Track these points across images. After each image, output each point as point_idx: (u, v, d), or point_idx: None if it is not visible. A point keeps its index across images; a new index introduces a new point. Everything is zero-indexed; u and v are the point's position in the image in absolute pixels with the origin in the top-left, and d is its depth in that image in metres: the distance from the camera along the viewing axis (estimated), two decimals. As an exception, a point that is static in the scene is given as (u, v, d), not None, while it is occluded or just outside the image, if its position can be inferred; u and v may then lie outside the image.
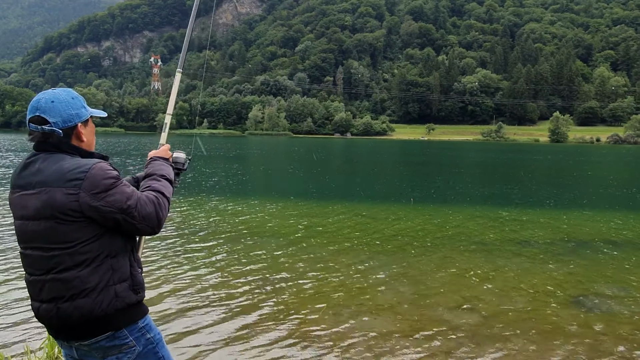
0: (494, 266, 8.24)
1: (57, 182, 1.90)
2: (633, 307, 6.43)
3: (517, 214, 13.90)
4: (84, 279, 1.91)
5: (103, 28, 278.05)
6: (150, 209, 1.99)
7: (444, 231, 11.25)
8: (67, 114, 1.98)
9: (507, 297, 6.71)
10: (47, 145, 1.98)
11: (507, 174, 30.50)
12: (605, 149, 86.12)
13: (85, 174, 1.89)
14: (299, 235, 10.41)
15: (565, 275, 7.78)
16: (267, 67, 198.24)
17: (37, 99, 1.99)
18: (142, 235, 2.14)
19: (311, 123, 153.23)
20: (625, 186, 24.28)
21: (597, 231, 11.65)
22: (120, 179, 1.99)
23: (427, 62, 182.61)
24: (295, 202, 15.17)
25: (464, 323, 5.75)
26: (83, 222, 1.91)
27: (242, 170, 28.78)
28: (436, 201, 16.93)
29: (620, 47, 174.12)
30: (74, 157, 1.98)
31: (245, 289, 6.77)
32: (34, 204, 1.92)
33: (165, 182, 2.17)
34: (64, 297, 1.92)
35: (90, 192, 1.88)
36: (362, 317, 5.85)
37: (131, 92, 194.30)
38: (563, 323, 5.83)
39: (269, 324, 5.59)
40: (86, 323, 1.94)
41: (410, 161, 43.11)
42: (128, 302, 2.01)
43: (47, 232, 1.91)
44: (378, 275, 7.58)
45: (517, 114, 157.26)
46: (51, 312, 1.95)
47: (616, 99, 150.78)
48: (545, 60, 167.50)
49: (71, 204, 1.88)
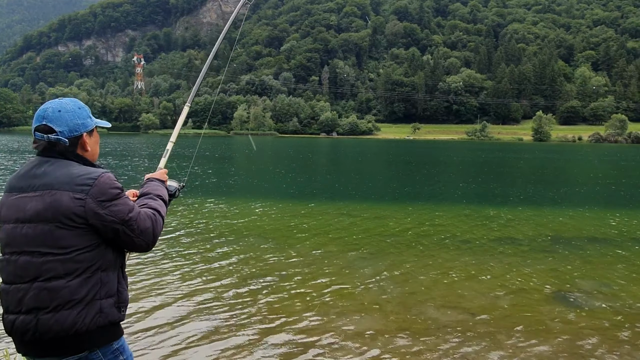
0: (479, 264, 8.31)
1: (65, 185, 1.90)
2: (613, 302, 6.53)
3: (501, 212, 14.04)
4: (72, 289, 1.87)
5: (84, 27, 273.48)
6: (148, 224, 2.03)
7: (429, 229, 11.31)
8: (73, 124, 2.01)
9: (492, 294, 6.77)
10: (53, 153, 2.00)
11: (492, 173, 30.83)
12: (587, 148, 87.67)
13: (94, 181, 1.92)
14: (285, 235, 10.37)
15: (549, 272, 7.88)
16: (252, 67, 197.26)
17: (44, 108, 2.02)
18: (137, 251, 2.10)
19: (297, 123, 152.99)
20: (605, 184, 24.73)
21: (579, 228, 11.83)
22: (124, 192, 2.04)
23: (412, 61, 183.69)
24: (281, 202, 15.11)
25: (451, 321, 5.78)
26: (84, 229, 1.91)
27: (230, 170, 28.61)
28: (422, 200, 17.02)
29: (600, 47, 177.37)
30: (80, 165, 2.01)
31: (231, 289, 6.71)
32: (34, 206, 1.90)
33: (161, 202, 2.21)
34: (47, 307, 1.86)
35: (96, 199, 1.90)
36: (349, 316, 5.84)
37: (114, 92, 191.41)
38: (547, 319, 5.90)
39: (255, 324, 5.54)
40: (63, 339, 1.88)
41: (396, 160, 43.30)
42: (110, 319, 1.97)
43: (43, 236, 1.88)
44: (365, 274, 7.58)
45: (501, 113, 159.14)
46: (29, 324, 1.87)
47: (597, 99, 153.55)
48: (528, 60, 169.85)
49: (77, 209, 1.88)
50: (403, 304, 6.32)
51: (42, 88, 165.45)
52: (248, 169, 29.86)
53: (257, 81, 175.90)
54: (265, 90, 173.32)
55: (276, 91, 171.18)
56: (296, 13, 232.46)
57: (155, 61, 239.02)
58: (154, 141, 78.66)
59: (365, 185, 21.88)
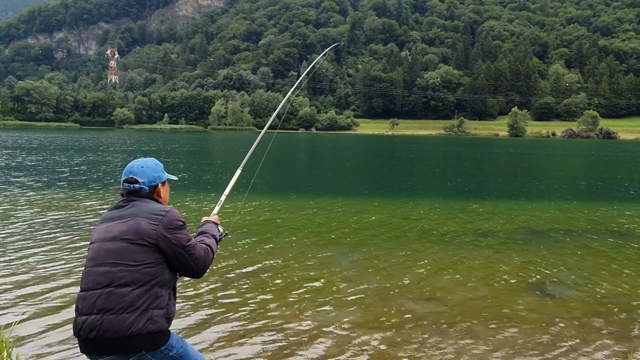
0: (456, 257, 8.40)
1: (144, 214, 2.49)
2: (584, 292, 6.70)
3: (478, 206, 14.26)
4: (134, 296, 2.33)
5: (55, 19, 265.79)
6: (202, 254, 2.59)
7: (407, 224, 11.39)
8: (152, 176, 2.64)
9: (469, 286, 6.85)
10: (135, 197, 2.62)
11: (468, 168, 31.28)
12: (561, 143, 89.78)
13: (166, 213, 2.51)
14: (263, 230, 10.29)
15: (523, 264, 8.02)
16: (230, 61, 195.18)
17: (131, 165, 2.65)
18: (188, 275, 2.61)
19: (276, 118, 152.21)
20: (577, 178, 25.38)
21: (553, 221, 12.09)
22: (186, 226, 2.58)
23: (391, 57, 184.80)
24: (259, 197, 14.98)
25: (428, 313, 5.82)
26: (152, 248, 2.43)
27: (207, 166, 28.27)
28: (400, 194, 17.14)
29: (573, 45, 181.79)
30: (157, 203, 2.64)
31: (209, 284, 6.62)
32: (119, 228, 2.46)
33: (213, 240, 2.80)
34: (112, 309, 2.31)
35: (166, 226, 2.46)
36: (328, 310, 5.83)
37: (87, 86, 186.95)
38: (521, 309, 6.01)
39: (233, 318, 5.48)
40: (119, 339, 2.30)
41: (375, 155, 43.52)
42: (159, 327, 2.39)
43: (121, 251, 2.40)
44: (343, 268, 7.58)
45: (477, 109, 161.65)
46: (96, 322, 2.30)
47: (570, 95, 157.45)
48: (504, 57, 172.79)
49: (150, 232, 2.43)
50: (381, 297, 6.34)
51: (11, 81, 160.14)
52: (224, 164, 29.56)
53: (235, 76, 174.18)
54: (243, 85, 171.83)
55: (254, 86, 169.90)
56: (274, 7, 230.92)
57: (130, 55, 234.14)
58: (131, 137, 77.11)
59: (344, 180, 21.92)
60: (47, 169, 22.45)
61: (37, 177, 18.99)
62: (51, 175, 19.60)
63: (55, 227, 9.83)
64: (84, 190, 15.58)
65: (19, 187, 15.88)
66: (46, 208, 12.09)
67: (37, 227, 9.80)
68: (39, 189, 15.52)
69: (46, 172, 20.83)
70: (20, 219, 10.59)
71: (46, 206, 12.38)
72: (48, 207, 12.26)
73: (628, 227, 11.51)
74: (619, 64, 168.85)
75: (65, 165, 24.23)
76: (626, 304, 6.27)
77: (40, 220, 10.50)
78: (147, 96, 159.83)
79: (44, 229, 9.65)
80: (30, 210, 11.78)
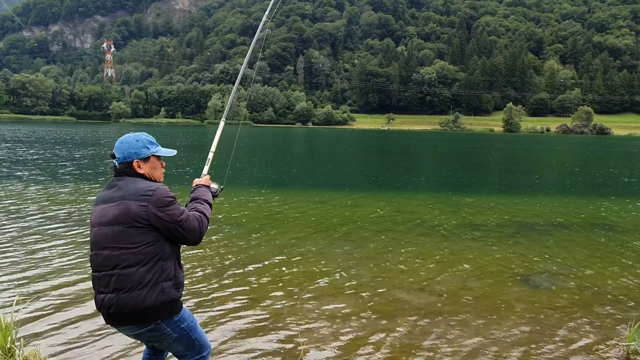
0: (449, 249, 8.61)
1: (133, 196, 2.54)
2: (573, 283, 6.92)
3: (471, 200, 14.48)
4: (141, 274, 2.52)
5: (51, 11, 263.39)
6: (195, 225, 2.66)
7: (402, 217, 11.59)
8: (127, 153, 2.67)
9: (461, 277, 7.05)
10: (120, 172, 2.69)
11: (463, 162, 31.52)
12: (555, 139, 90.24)
13: (153, 192, 2.56)
14: (261, 223, 10.45)
15: (515, 256, 8.24)
16: (227, 55, 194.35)
17: (118, 140, 2.74)
18: (187, 244, 2.71)
19: (272, 112, 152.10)
20: (570, 173, 25.67)
21: (545, 214, 12.32)
22: (176, 200, 2.65)
23: (387, 52, 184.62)
24: (256, 190, 15.14)
25: (420, 303, 6.02)
26: (147, 228, 2.54)
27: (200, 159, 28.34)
28: (395, 188, 17.34)
29: (568, 41, 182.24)
30: (143, 180, 2.67)
31: (205, 276, 6.78)
32: (113, 212, 2.55)
33: (207, 205, 2.85)
34: (124, 288, 2.51)
35: (155, 205, 2.54)
36: (323, 300, 6.01)
37: (83, 79, 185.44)
38: (511, 299, 6.21)
39: (231, 308, 5.65)
40: (137, 313, 2.53)
41: (371, 150, 43.70)
42: (171, 297, 2.61)
43: (119, 235, 2.52)
44: (338, 259, 7.76)
45: (473, 104, 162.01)
46: (112, 300, 2.53)
47: (564, 91, 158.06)
48: (499, 53, 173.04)
49: (141, 213, 2.52)
50: (375, 287, 6.53)
51: (6, 74, 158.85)
52: (223, 158, 29.66)
53: (231, 70, 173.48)
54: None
55: (251, 80, 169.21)
56: (271, 1, 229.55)
57: (126, 48, 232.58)
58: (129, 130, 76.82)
59: (340, 174, 22.10)
60: (50, 163, 22.51)
61: (41, 171, 19.04)
62: (55, 169, 19.68)
63: (62, 221, 9.97)
64: (88, 184, 15.76)
65: (25, 181, 15.96)
66: (53, 202, 12.21)
67: (45, 221, 9.94)
68: (45, 183, 15.61)
69: (50, 166, 20.91)
70: (29, 213, 10.71)
71: (52, 200, 12.48)
72: (54, 201, 12.35)
73: (616, 220, 11.76)
74: (613, 60, 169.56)
75: (67, 159, 24.32)
76: (609, 294, 6.49)
77: (49, 215, 10.63)
78: (144, 90, 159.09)
79: (53, 223, 9.79)
80: (37, 204, 11.89)
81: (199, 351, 2.84)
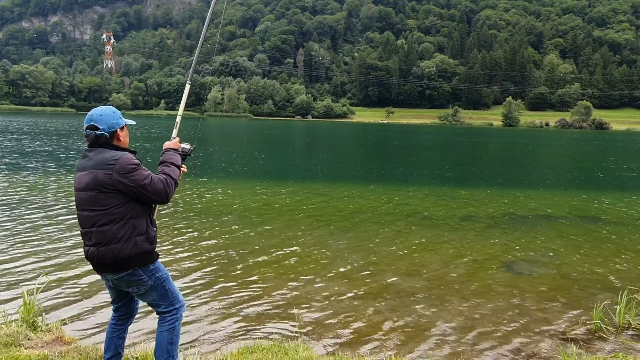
0: (439, 238, 9.07)
1: (99, 166, 2.90)
2: (553, 270, 7.39)
3: (466, 193, 14.94)
4: (115, 231, 2.92)
5: (50, 2, 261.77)
6: (160, 187, 2.99)
7: (397, 208, 12.04)
8: (110, 123, 3.02)
9: (449, 264, 7.51)
10: (97, 144, 3.01)
11: (460, 156, 31.93)
12: (554, 133, 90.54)
13: (116, 161, 2.89)
14: (259, 212, 10.90)
15: (501, 245, 8.70)
16: (227, 48, 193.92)
17: (91, 113, 3.03)
18: (156, 204, 3.13)
19: (272, 105, 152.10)
20: (564, 168, 26.11)
21: (533, 207, 12.79)
22: (140, 166, 2.96)
23: (387, 46, 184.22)
24: (256, 182, 15.57)
25: (409, 286, 6.48)
26: (114, 193, 2.90)
27: (205, 151, 28.73)
28: (392, 181, 17.77)
29: (568, 35, 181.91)
30: (111, 151, 2.98)
31: (205, 263, 7.24)
32: (85, 180, 2.94)
33: (173, 168, 3.17)
34: (102, 242, 2.93)
35: (119, 172, 2.87)
36: (318, 283, 6.47)
37: (82, 71, 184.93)
38: (494, 284, 6.68)
39: (231, 292, 6.11)
40: (115, 262, 2.95)
41: (370, 143, 44.08)
42: (144, 249, 3.01)
43: (92, 199, 2.92)
44: (334, 247, 8.22)
45: (472, 98, 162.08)
46: (94, 253, 2.97)
47: (564, 85, 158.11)
48: (499, 47, 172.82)
49: (107, 180, 2.88)
50: (366, 272, 6.99)
51: (6, 65, 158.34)
52: (222, 150, 30.04)
53: (231, 62, 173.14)
54: (239, 71, 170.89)
55: (251, 73, 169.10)
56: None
57: (125, 39, 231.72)
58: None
59: (338, 167, 22.52)
60: (59, 154, 23.01)
61: (52, 162, 19.46)
62: (65, 161, 20.16)
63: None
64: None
65: (39, 172, 16.41)
66: (69, 193, 12.63)
67: (60, 211, 10.40)
68: (59, 175, 16.04)
69: (60, 158, 21.42)
70: (48, 203, 11.16)
71: (69, 191, 12.90)
72: (70, 192, 12.73)
73: (602, 213, 12.22)
74: (612, 55, 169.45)
75: (75, 151, 24.86)
76: (585, 280, 6.97)
77: (67, 205, 11.07)
78: (144, 82, 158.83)
79: (70, 213, 10.25)
80: (54, 195, 12.33)
81: (171, 302, 3.17)
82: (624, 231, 10.20)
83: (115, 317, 3.34)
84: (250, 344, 4.33)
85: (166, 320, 3.19)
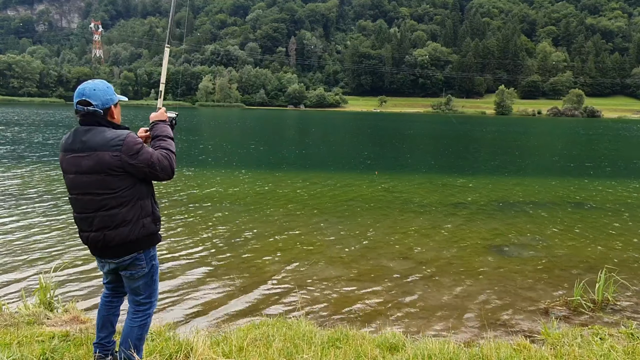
0: (432, 224, 9.42)
1: (104, 147, 2.74)
2: (540, 252, 7.76)
3: (460, 181, 15.30)
4: (124, 214, 2.83)
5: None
6: (166, 163, 2.89)
7: (391, 196, 12.38)
8: (104, 99, 2.85)
9: (440, 248, 7.86)
10: (90, 121, 2.82)
11: (453, 145, 32.31)
12: (546, 122, 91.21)
13: (123, 141, 2.75)
14: (257, 201, 11.19)
15: (491, 230, 9.07)
16: (217, 36, 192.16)
17: (83, 87, 2.83)
18: (161, 181, 2.98)
19: (264, 95, 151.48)
20: (555, 155, 26.57)
21: (523, 194, 13.18)
22: (144, 145, 2.85)
23: (380, 34, 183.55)
24: (252, 171, 15.82)
25: (402, 268, 6.82)
26: (123, 175, 2.79)
27: (199, 142, 28.85)
28: (386, 169, 18.08)
29: (561, 23, 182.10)
30: (110, 129, 2.83)
31: (206, 249, 7.53)
32: (87, 163, 2.76)
33: (170, 141, 3.06)
34: (109, 226, 2.82)
35: (127, 154, 2.75)
36: (314, 267, 6.80)
37: (70, 60, 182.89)
38: (483, 266, 7.04)
39: (231, 276, 6.41)
40: (121, 245, 2.86)
41: (363, 132, 44.32)
42: (151, 230, 2.96)
43: (98, 183, 2.77)
44: (329, 233, 8.54)
45: (465, 87, 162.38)
46: (99, 237, 2.85)
47: (556, 74, 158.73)
48: (492, 35, 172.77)
49: (116, 162, 2.74)
50: (362, 256, 7.33)
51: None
52: (216, 140, 30.18)
53: (222, 51, 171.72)
54: (230, 60, 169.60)
55: (242, 62, 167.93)
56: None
57: (114, 28, 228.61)
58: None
59: (333, 156, 22.80)
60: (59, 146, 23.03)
61: (55, 154, 19.55)
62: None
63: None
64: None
65: (45, 163, 16.54)
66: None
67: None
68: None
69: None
70: (60, 192, 11.38)
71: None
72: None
73: (587, 198, 12.65)
74: (605, 42, 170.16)
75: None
76: (570, 261, 7.36)
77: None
78: (133, 71, 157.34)
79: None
80: (64, 185, 12.52)
81: (151, 294, 3.13)
82: (608, 215, 10.62)
83: (109, 295, 3.26)
84: (257, 321, 4.64)
85: (139, 313, 3.11)
